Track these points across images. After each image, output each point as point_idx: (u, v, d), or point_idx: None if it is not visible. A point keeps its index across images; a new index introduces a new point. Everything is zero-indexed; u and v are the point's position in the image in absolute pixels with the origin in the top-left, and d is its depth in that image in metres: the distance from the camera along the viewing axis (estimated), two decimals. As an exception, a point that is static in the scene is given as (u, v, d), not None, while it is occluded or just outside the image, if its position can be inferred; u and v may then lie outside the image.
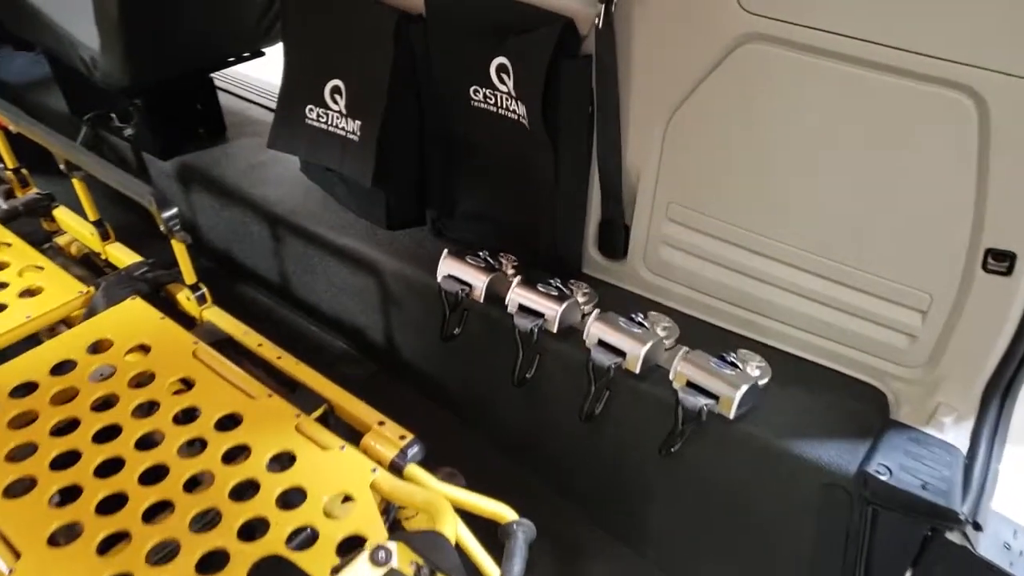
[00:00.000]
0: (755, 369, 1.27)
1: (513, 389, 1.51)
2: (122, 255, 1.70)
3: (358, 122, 1.62)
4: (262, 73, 2.53)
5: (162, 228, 1.42)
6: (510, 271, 1.55)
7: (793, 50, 1.09)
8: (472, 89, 1.48)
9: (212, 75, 2.26)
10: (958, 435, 1.17)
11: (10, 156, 1.83)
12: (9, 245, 1.63)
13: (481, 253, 1.53)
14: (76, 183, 1.62)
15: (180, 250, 1.46)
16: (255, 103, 2.53)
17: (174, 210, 1.41)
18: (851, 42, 1.04)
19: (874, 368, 1.27)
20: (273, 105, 2.44)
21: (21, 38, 2.33)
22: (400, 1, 1.49)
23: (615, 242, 1.49)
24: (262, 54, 2.30)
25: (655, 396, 1.29)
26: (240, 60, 2.25)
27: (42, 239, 1.86)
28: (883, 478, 1.10)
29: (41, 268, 1.58)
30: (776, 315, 1.34)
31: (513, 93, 1.42)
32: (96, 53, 1.95)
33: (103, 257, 1.75)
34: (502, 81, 1.43)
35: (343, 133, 1.66)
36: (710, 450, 1.26)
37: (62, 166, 1.60)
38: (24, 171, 1.88)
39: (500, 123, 1.47)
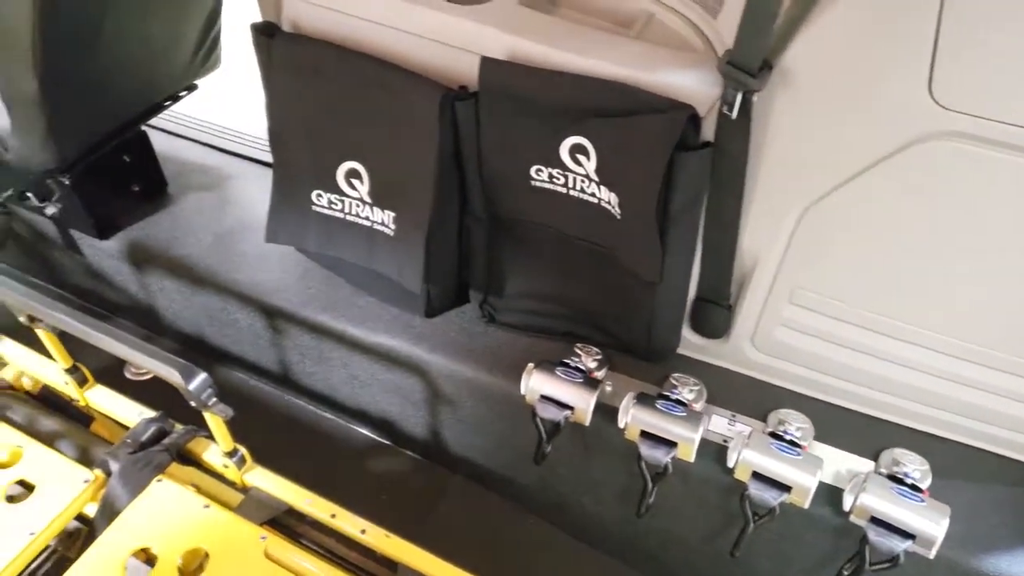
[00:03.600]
0: (916, 471, 1.16)
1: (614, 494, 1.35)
2: (108, 403, 1.38)
3: (390, 213, 1.34)
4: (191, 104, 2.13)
5: (193, 404, 1.12)
6: (592, 364, 1.35)
7: (995, 149, 0.92)
8: (534, 169, 1.24)
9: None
10: None
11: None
12: (-38, 419, 1.28)
13: (570, 361, 1.32)
14: (45, 334, 1.27)
15: (217, 423, 1.17)
16: (189, 139, 2.14)
17: (202, 377, 1.11)
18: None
19: (1034, 449, 1.18)
20: (214, 142, 2.12)
21: None
22: (441, 74, 1.21)
23: (715, 322, 1.32)
24: (196, 87, 1.91)
25: (826, 523, 1.16)
26: (175, 101, 1.86)
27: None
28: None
29: (20, 447, 1.25)
30: (924, 399, 1.22)
31: (595, 177, 1.19)
32: (5, 133, 1.54)
33: (82, 404, 1.42)
34: (577, 162, 1.19)
35: (368, 224, 1.38)
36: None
37: (23, 319, 1.25)
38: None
39: (571, 205, 1.25)
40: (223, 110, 2.21)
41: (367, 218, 1.37)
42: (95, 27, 1.39)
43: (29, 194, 1.78)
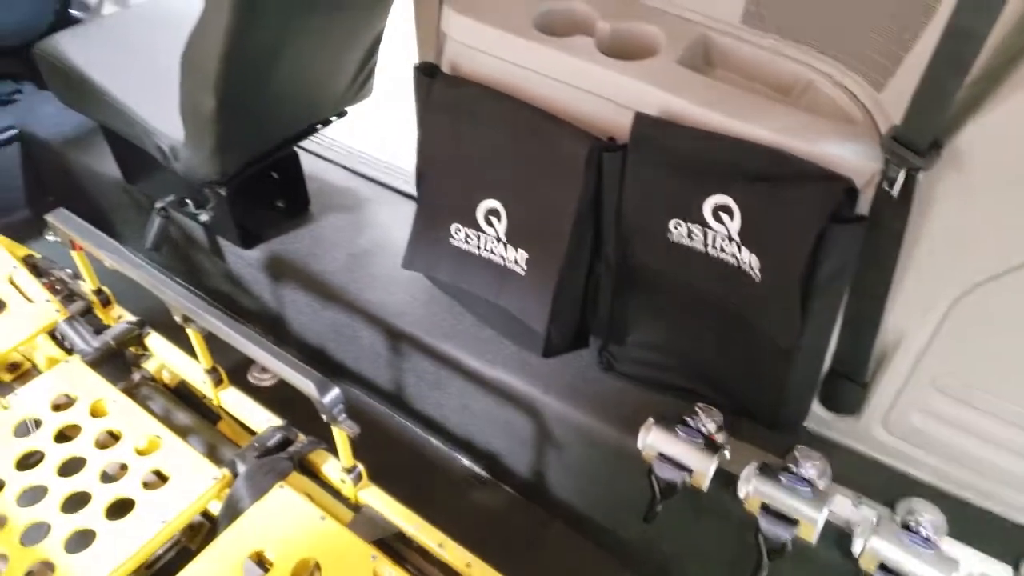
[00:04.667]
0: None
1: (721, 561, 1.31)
2: (239, 406, 1.46)
3: (523, 253, 1.37)
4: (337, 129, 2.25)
5: (324, 416, 1.18)
6: (712, 427, 1.32)
7: None
8: (673, 223, 1.24)
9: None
10: None
11: (92, 275, 1.57)
12: (115, 401, 1.38)
13: (691, 421, 1.30)
14: (194, 334, 1.36)
15: (342, 438, 1.22)
16: (332, 162, 2.26)
17: (335, 392, 1.17)
18: None
19: None
20: (355, 166, 2.22)
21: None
22: (589, 123, 1.24)
23: (847, 398, 1.27)
24: (345, 113, 2.02)
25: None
26: (326, 125, 1.97)
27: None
28: None
29: (159, 437, 1.33)
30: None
31: (737, 238, 1.18)
32: (179, 144, 1.67)
33: (214, 404, 1.51)
34: (720, 221, 1.19)
35: (501, 261, 1.42)
36: None
37: (178, 319, 1.34)
38: (106, 290, 1.62)
39: (708, 263, 1.24)
40: (367, 137, 2.32)
41: (501, 256, 1.40)
42: (273, 55, 1.50)
43: (188, 201, 1.93)
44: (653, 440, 1.27)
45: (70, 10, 2.47)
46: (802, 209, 1.05)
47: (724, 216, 1.17)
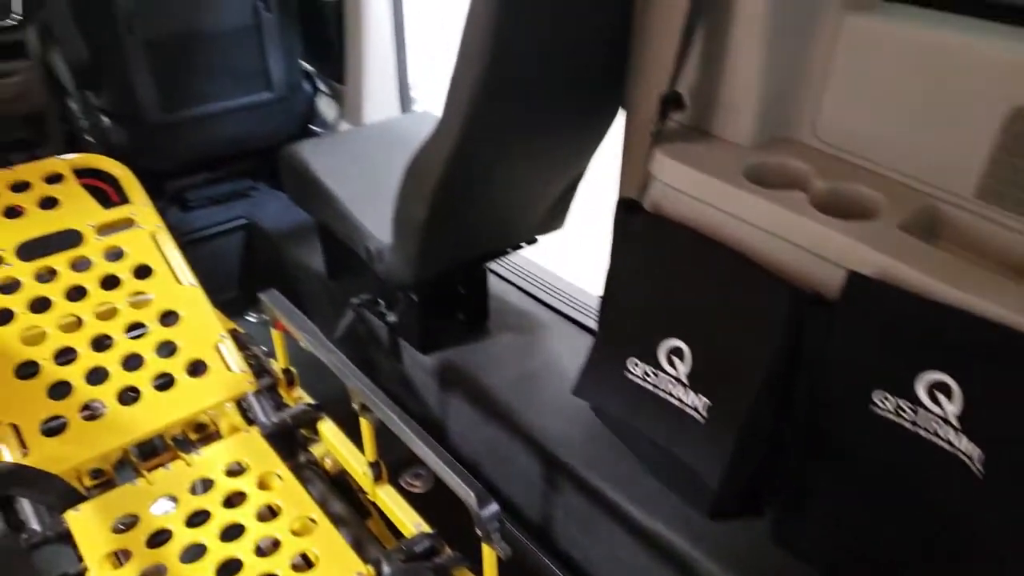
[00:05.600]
0: None
1: None
2: (393, 505, 1.46)
3: (705, 400, 1.31)
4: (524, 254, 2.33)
5: (478, 531, 1.15)
6: (901, 636, 1.15)
7: None
8: (879, 395, 1.13)
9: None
10: None
11: (284, 355, 1.67)
12: (280, 478, 1.42)
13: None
14: (366, 424, 1.40)
15: (490, 560, 1.18)
16: (513, 284, 2.33)
17: (495, 509, 1.14)
18: None
19: None
20: (536, 292, 2.27)
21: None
22: (792, 276, 1.19)
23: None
24: (535, 241, 2.09)
25: None
26: (516, 249, 2.05)
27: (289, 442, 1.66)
28: None
29: (314, 521, 1.35)
30: None
31: (955, 423, 1.06)
32: (385, 248, 1.80)
33: (369, 498, 1.52)
34: (935, 400, 1.07)
35: (678, 404, 1.36)
36: None
37: (356, 406, 1.39)
38: (293, 370, 1.72)
39: (917, 446, 1.11)
40: (550, 265, 2.39)
41: (679, 399, 1.35)
42: (486, 179, 1.61)
43: (380, 301, 2.05)
44: (831, 634, 1.11)
45: (311, 125, 2.81)
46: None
47: (941, 396, 1.06)
